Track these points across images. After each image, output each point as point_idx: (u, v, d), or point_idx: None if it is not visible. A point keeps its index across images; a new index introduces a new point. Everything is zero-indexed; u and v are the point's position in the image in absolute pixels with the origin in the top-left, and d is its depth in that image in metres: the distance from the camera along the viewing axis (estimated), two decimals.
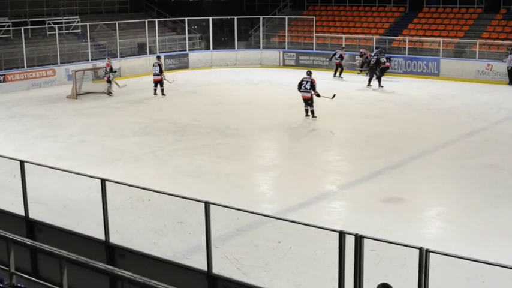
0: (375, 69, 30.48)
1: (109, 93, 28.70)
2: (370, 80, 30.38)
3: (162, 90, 28.47)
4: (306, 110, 23.13)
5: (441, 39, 33.73)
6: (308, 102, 22.96)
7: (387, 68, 31.23)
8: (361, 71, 33.85)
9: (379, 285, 6.82)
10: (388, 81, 31.73)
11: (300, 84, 23.07)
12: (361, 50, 34.29)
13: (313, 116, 22.97)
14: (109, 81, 28.72)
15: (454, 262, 7.43)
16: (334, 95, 23.61)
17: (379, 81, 30.10)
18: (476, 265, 7.20)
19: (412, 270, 7.43)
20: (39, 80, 31.45)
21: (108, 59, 30.15)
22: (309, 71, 24.01)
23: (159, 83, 28.43)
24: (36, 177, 13.01)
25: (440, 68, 32.31)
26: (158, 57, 30.04)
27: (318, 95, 22.86)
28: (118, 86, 28.97)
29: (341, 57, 34.02)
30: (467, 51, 33.37)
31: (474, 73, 31.78)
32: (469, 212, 13.65)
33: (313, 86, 22.72)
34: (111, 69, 28.83)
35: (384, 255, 9.51)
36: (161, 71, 28.48)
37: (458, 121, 22.82)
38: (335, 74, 33.88)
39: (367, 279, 7.68)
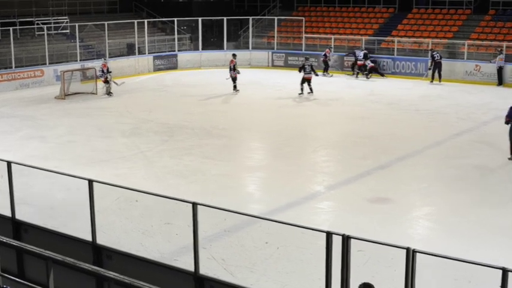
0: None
1: (109, 93, 28.66)
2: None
3: (234, 86, 29.22)
4: (302, 89, 28.06)
5: (430, 40, 33.86)
6: (309, 82, 28.06)
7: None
8: (355, 72, 33.93)
9: (360, 285, 6.84)
10: (376, 81, 31.96)
11: (303, 68, 28.23)
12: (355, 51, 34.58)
13: (311, 92, 28.06)
14: (107, 82, 28.68)
15: (441, 262, 7.45)
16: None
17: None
18: (463, 265, 7.23)
19: (399, 270, 7.45)
20: (27, 80, 31.34)
21: (105, 59, 30.16)
22: (307, 57, 30.40)
23: (233, 79, 29.21)
24: (24, 178, 12.97)
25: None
26: (233, 55, 29.97)
27: (316, 75, 28.89)
28: (117, 84, 28.94)
29: (325, 55, 34.43)
30: (456, 52, 33.47)
31: (462, 74, 31.92)
32: (456, 212, 13.70)
33: (313, 69, 28.46)
34: (108, 70, 28.78)
35: (371, 255, 9.53)
36: (230, 69, 29.16)
37: (446, 122, 22.90)
38: (324, 71, 34.60)
39: (354, 280, 7.69)
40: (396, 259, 7.75)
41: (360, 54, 33.65)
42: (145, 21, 37.88)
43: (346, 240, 7.66)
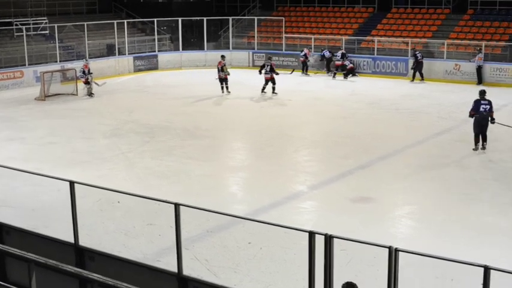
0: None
1: (90, 94, 28.53)
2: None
3: (222, 87, 28.83)
4: (264, 87, 28.24)
5: (409, 40, 34.02)
6: (273, 81, 27.89)
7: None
8: (332, 73, 34.06)
9: (344, 284, 6.86)
10: (357, 81, 32.08)
11: (262, 67, 28.37)
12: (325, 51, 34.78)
13: (274, 92, 28.10)
14: (87, 83, 28.53)
15: (423, 261, 7.49)
16: (293, 70, 33.93)
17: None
18: (445, 263, 7.27)
19: (382, 269, 7.48)
20: (6, 81, 31.07)
21: (86, 60, 30.00)
22: (270, 56, 30.40)
23: (220, 80, 28.75)
24: (4, 179, 12.90)
25: (408, 68, 32.53)
26: (222, 56, 29.40)
27: (277, 74, 28.18)
28: (98, 85, 28.83)
29: (305, 55, 34.54)
30: (435, 52, 33.66)
31: (442, 73, 32.11)
32: (438, 210, 13.77)
33: (272, 69, 27.91)
34: (89, 71, 28.62)
35: (353, 254, 9.57)
36: (219, 70, 28.65)
37: (427, 121, 23.00)
38: (302, 71, 34.88)
39: (337, 279, 7.71)
40: (379, 258, 7.78)
41: (338, 54, 33.81)
42: (125, 21, 37.71)
43: (328, 239, 7.67)
